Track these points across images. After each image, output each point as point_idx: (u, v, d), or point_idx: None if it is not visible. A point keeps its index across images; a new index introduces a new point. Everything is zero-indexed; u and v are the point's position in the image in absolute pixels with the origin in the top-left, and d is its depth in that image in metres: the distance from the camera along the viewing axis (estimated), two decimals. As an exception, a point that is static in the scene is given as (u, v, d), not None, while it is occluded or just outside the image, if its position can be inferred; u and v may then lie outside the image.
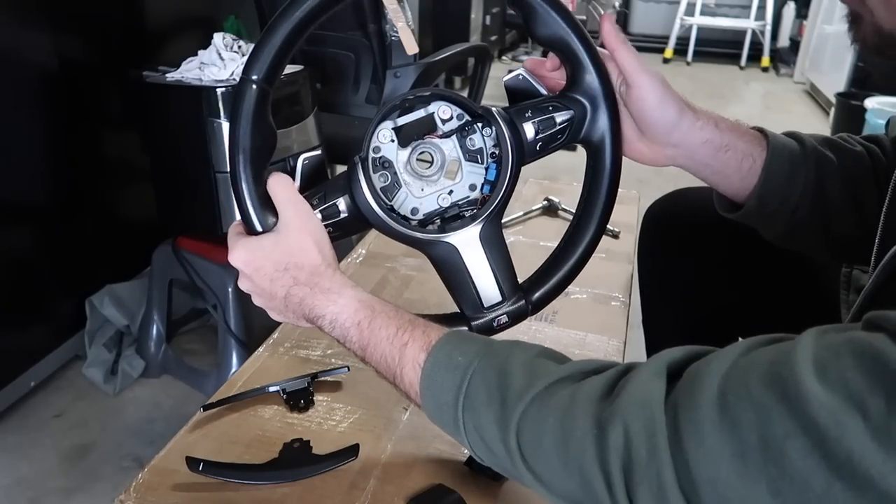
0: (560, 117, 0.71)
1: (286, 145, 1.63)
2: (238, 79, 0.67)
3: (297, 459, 0.76)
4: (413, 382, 0.58)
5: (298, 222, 0.65)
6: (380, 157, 0.71)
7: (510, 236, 0.73)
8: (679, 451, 0.41)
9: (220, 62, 1.50)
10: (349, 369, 0.91)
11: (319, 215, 0.69)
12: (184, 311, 1.92)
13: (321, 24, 0.68)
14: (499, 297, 0.72)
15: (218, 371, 1.65)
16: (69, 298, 1.75)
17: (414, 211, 0.72)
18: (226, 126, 1.51)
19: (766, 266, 0.96)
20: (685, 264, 1.03)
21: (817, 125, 4.15)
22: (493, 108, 0.71)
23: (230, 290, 1.59)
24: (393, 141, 0.71)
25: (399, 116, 0.72)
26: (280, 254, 0.64)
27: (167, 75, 1.54)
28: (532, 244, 1.29)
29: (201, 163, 1.54)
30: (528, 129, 0.71)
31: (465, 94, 2.07)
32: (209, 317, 1.89)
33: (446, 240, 0.70)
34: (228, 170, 0.67)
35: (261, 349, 0.97)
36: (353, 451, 0.76)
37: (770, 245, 0.95)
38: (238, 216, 0.69)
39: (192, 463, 0.73)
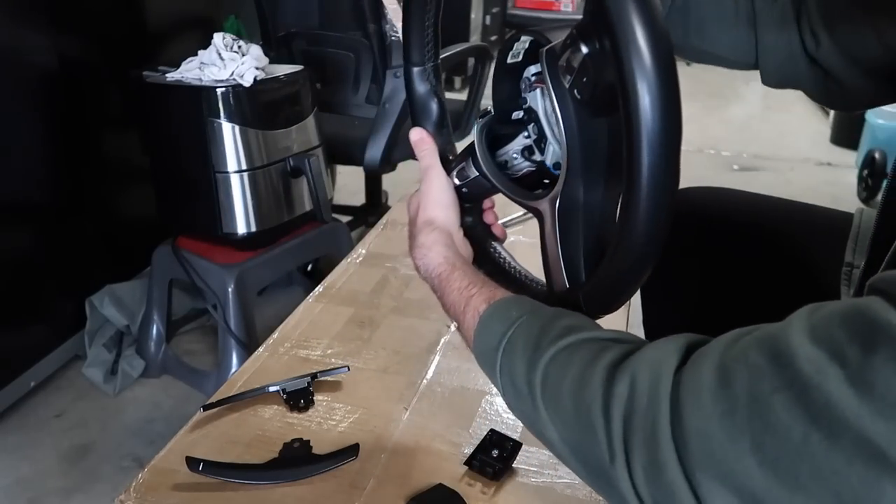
0: (577, 56, 0.53)
1: (286, 145, 1.63)
2: (237, 79, 0.68)
3: (297, 459, 0.76)
4: (470, 328, 0.63)
5: (425, 187, 0.75)
6: (527, 109, 0.63)
7: (510, 236, 0.73)
8: (676, 406, 0.43)
9: (220, 62, 1.50)
10: (349, 369, 0.91)
11: (456, 179, 0.73)
12: (184, 311, 1.92)
13: (322, 23, 0.69)
14: (566, 283, 0.62)
15: (218, 371, 1.65)
16: (69, 298, 1.75)
17: (557, 166, 0.62)
18: (226, 126, 1.51)
19: (767, 266, 0.96)
20: (686, 264, 1.02)
21: (817, 125, 4.16)
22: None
23: (230, 290, 1.59)
24: (535, 88, 0.62)
25: (537, 61, 0.59)
26: (413, 209, 0.76)
27: (167, 75, 1.54)
28: (533, 244, 1.29)
29: (201, 163, 1.54)
30: (566, 80, 0.56)
31: (464, 94, 2.07)
32: (209, 317, 1.89)
33: (532, 204, 0.65)
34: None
35: (261, 349, 0.97)
36: (353, 450, 0.76)
37: (771, 245, 0.95)
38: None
39: (192, 463, 0.73)
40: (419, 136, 0.77)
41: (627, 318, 1.08)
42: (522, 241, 1.30)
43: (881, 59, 0.76)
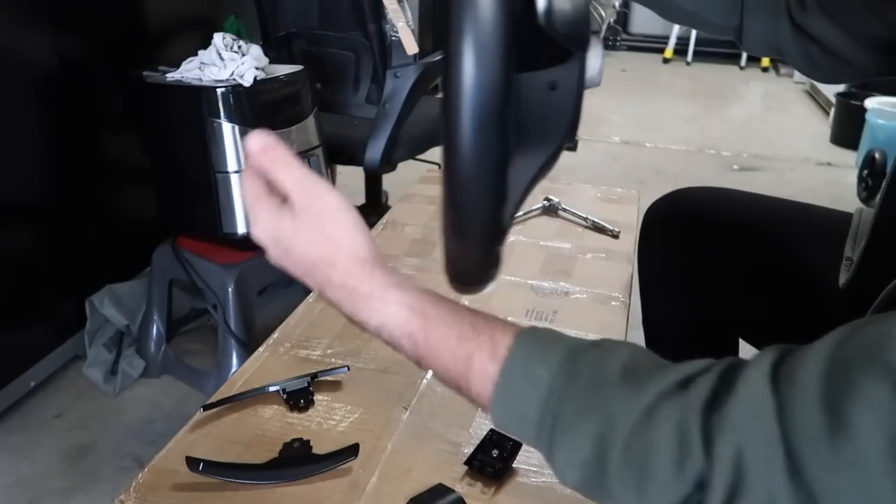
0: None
1: (286, 145, 1.62)
2: (237, 79, 0.66)
3: (296, 459, 0.76)
4: (481, 394, 0.51)
5: (319, 206, 0.53)
6: None
7: (510, 236, 0.72)
8: (792, 458, 0.38)
9: (220, 62, 1.50)
10: (349, 369, 0.91)
11: None
12: (184, 311, 1.92)
13: (322, 23, 0.64)
14: None
15: (218, 371, 1.65)
16: (69, 298, 1.75)
17: None
18: (226, 126, 1.51)
19: (766, 266, 0.96)
20: (685, 264, 1.03)
21: (817, 125, 4.16)
22: None
23: (230, 290, 1.59)
24: None
25: None
26: (304, 244, 0.53)
27: (167, 75, 1.54)
28: (532, 244, 1.29)
29: (201, 163, 1.54)
30: None
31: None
32: (209, 317, 1.89)
33: None
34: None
35: (261, 349, 0.97)
36: (352, 450, 0.76)
37: (770, 245, 0.95)
38: None
39: (192, 463, 0.73)
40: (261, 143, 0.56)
41: (627, 319, 1.08)
42: (522, 241, 1.30)
43: (874, 30, 0.72)
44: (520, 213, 1.40)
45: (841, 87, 3.98)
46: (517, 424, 0.51)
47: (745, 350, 0.71)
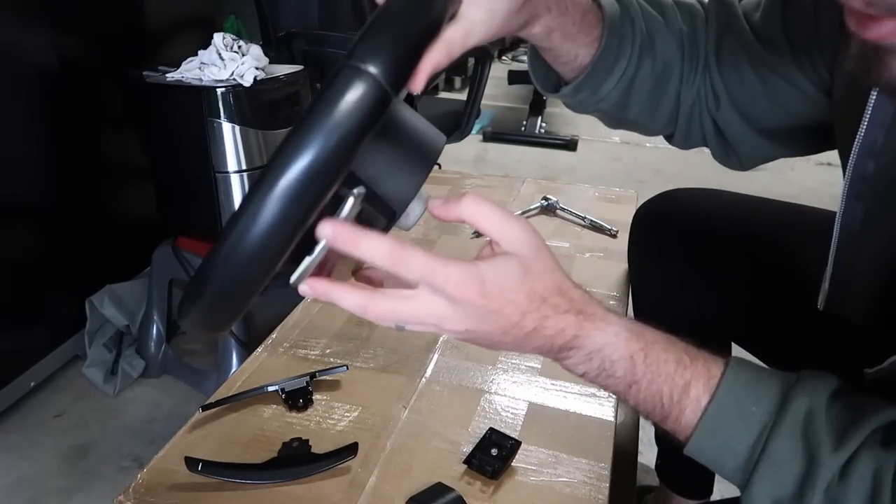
0: None
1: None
2: (237, 79, 0.66)
3: (295, 459, 0.76)
4: (690, 424, 0.53)
5: (537, 239, 0.51)
6: None
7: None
8: None
9: (220, 62, 1.50)
10: (348, 368, 0.91)
11: None
12: (184, 310, 1.92)
13: (322, 23, 0.66)
14: None
15: (218, 371, 1.65)
16: (69, 298, 1.76)
17: None
18: (226, 126, 1.51)
19: (757, 268, 0.95)
20: (674, 266, 1.02)
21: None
22: None
23: (230, 289, 1.59)
24: None
25: None
26: (533, 280, 0.50)
27: (167, 75, 1.54)
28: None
29: (201, 163, 1.55)
30: None
31: (464, 94, 2.07)
32: (209, 317, 1.89)
33: None
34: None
35: (260, 349, 0.97)
36: (351, 449, 0.76)
37: (759, 246, 0.95)
38: None
39: (190, 463, 0.73)
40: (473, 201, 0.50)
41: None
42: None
43: (772, 116, 0.77)
44: (517, 213, 1.40)
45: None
46: (721, 455, 0.52)
47: (739, 353, 0.70)
